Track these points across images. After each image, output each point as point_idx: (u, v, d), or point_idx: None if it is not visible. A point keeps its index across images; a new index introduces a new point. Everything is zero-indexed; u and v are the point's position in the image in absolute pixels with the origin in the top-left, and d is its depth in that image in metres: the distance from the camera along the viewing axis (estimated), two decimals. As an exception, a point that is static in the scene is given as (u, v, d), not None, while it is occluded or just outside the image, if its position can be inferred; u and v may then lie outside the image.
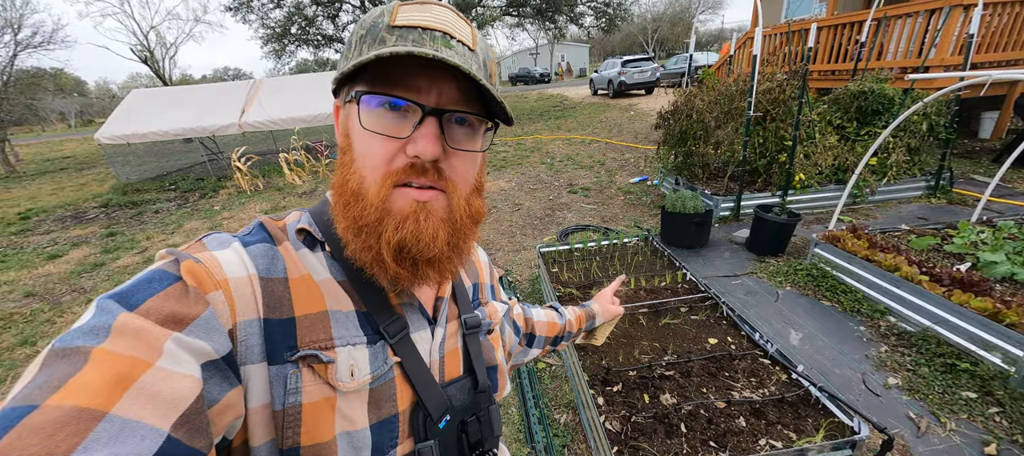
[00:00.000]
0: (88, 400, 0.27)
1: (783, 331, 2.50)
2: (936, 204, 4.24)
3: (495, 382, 0.60)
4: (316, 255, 0.47)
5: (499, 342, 0.65)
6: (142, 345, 0.31)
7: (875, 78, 4.64)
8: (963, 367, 2.04)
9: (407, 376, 0.48)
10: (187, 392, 0.32)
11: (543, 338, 0.86)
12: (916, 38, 5.64)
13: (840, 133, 4.61)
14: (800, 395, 1.68)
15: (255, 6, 12.79)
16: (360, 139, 0.43)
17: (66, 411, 0.26)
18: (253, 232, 0.46)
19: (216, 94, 9.15)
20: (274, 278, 0.43)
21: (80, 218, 6.45)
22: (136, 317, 0.33)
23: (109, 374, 0.29)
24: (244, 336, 0.39)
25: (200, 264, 0.38)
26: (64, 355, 0.29)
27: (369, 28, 0.42)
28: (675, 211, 3.57)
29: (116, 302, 0.33)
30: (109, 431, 0.27)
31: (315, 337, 0.43)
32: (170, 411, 0.30)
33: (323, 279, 0.46)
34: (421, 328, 0.51)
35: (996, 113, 6.30)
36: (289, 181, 7.45)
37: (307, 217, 0.50)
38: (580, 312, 0.95)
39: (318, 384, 0.42)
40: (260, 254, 0.43)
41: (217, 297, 0.37)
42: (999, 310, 2.01)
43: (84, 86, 49.81)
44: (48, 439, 0.25)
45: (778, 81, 4.24)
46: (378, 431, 0.45)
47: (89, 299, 3.72)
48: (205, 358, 0.35)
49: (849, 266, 2.76)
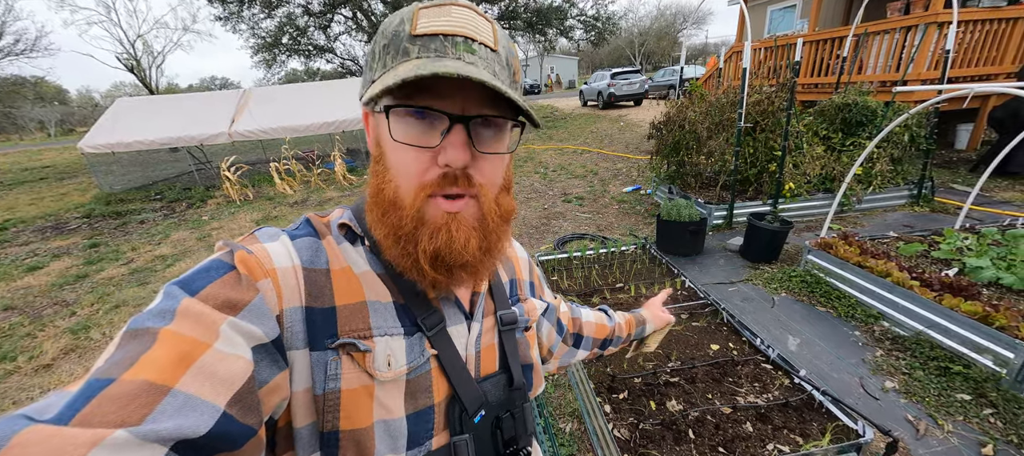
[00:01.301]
0: (156, 375, 0.30)
1: (781, 337, 2.53)
2: (919, 212, 4.37)
3: (530, 380, 0.60)
4: (356, 249, 0.49)
5: (535, 340, 0.65)
6: (202, 328, 0.34)
7: (858, 91, 4.80)
8: (956, 370, 2.08)
9: (443, 369, 0.49)
10: (240, 372, 0.34)
11: (591, 339, 0.85)
12: (894, 53, 5.89)
13: (826, 144, 4.75)
14: (803, 399, 1.70)
15: (246, 16, 12.74)
16: (392, 150, 0.44)
17: (138, 385, 0.29)
18: (300, 227, 0.49)
19: (205, 103, 9.04)
20: (317, 269, 0.45)
21: (61, 229, 6.26)
22: (197, 302, 0.36)
23: (174, 353, 0.32)
24: (290, 322, 0.41)
25: (251, 255, 0.41)
26: (136, 335, 0.33)
27: (391, 38, 0.43)
28: (671, 219, 3.61)
29: (180, 288, 0.36)
30: (173, 404, 0.30)
31: (354, 326, 0.44)
32: (226, 389, 0.33)
33: (363, 271, 0.48)
34: (458, 322, 0.52)
35: (971, 125, 6.56)
36: (280, 191, 7.35)
37: (349, 213, 0.51)
38: (630, 317, 0.94)
39: (357, 372, 0.43)
40: (305, 246, 0.46)
41: (266, 285, 0.40)
42: (989, 313, 2.06)
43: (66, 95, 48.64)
44: (123, 408, 0.28)
45: (767, 93, 4.36)
46: (414, 421, 0.46)
47: (73, 312, 3.60)
48: (256, 341, 0.37)
49: (842, 272, 2.83)
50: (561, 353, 0.81)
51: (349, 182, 7.83)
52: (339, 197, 7.04)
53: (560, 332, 0.78)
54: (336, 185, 7.72)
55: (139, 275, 4.33)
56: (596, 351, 0.87)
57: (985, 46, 5.64)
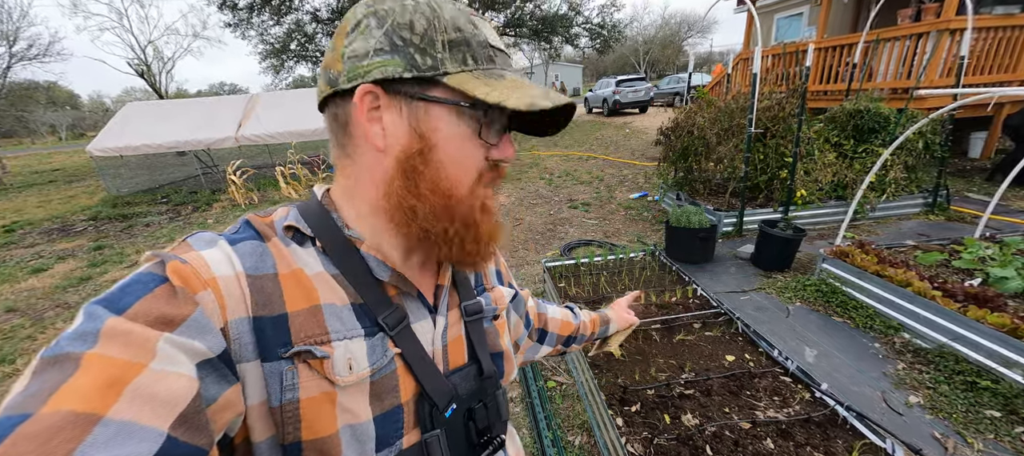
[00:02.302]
0: (82, 404, 0.27)
1: (797, 348, 2.44)
2: (934, 221, 4.27)
3: (501, 368, 0.59)
4: (306, 250, 0.46)
5: (505, 328, 0.63)
6: (133, 348, 0.31)
7: (870, 98, 4.72)
8: (984, 384, 1.99)
9: (409, 367, 0.47)
10: (184, 391, 0.31)
11: (555, 336, 0.86)
12: (905, 60, 5.81)
13: (838, 150, 4.66)
14: (826, 415, 1.62)
15: (255, 23, 12.87)
16: (451, 144, 0.45)
17: (60, 416, 0.26)
18: (240, 230, 0.45)
19: (212, 108, 9.09)
20: (263, 275, 0.42)
21: (67, 231, 6.28)
22: (125, 321, 0.32)
23: (101, 378, 0.29)
24: (237, 334, 0.38)
25: (186, 264, 0.38)
26: (55, 362, 0.29)
27: (456, 34, 0.44)
28: (680, 226, 3.54)
29: (104, 307, 0.33)
30: (105, 434, 0.27)
31: (309, 332, 0.42)
32: (168, 411, 0.30)
33: (316, 272, 0.45)
34: (422, 318, 0.51)
35: (985, 133, 6.45)
36: (285, 194, 7.35)
37: (294, 213, 0.48)
38: (594, 316, 0.97)
39: (316, 379, 0.41)
40: (248, 252, 0.42)
41: (206, 296, 0.37)
42: (1018, 326, 1.98)
43: (77, 99, 49.39)
44: (43, 446, 0.25)
45: (777, 99, 4.29)
46: (382, 423, 0.44)
47: (73, 315, 3.57)
48: (199, 357, 0.35)
49: (859, 281, 2.74)
50: (525, 347, 0.82)
51: (354, 187, 7.81)
52: (344, 202, 7.01)
53: (527, 326, 0.79)
54: (341, 190, 7.71)
55: (142, 278, 4.30)
56: (560, 348, 0.89)
57: (998, 53, 5.55)
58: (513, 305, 0.72)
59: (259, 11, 12.69)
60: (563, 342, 0.88)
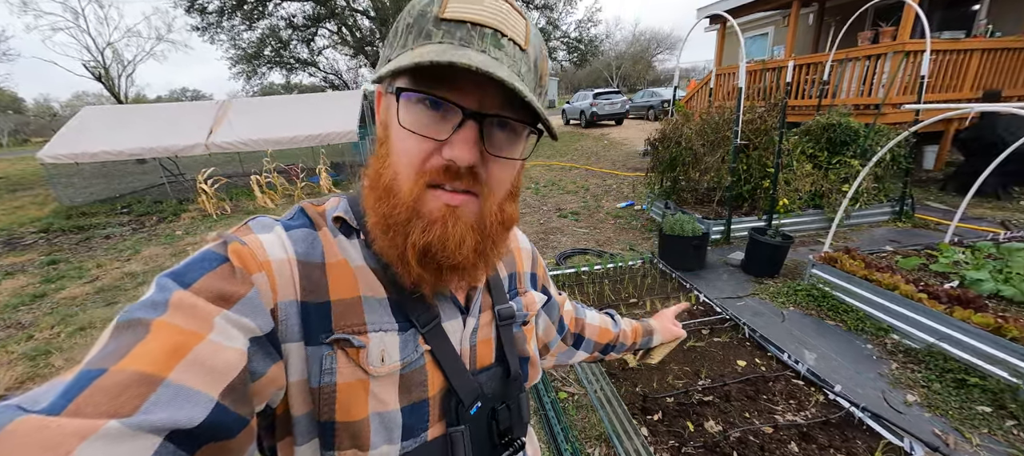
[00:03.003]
0: (149, 366, 0.30)
1: (797, 351, 2.51)
2: (902, 228, 4.54)
3: (526, 372, 0.60)
4: (351, 242, 0.48)
5: (533, 333, 0.64)
6: (195, 320, 0.34)
7: (839, 113, 5.02)
8: (973, 382, 2.10)
9: (438, 363, 0.49)
10: (234, 364, 0.34)
11: (592, 342, 0.83)
12: (866, 79, 6.24)
13: (813, 162, 4.91)
14: (842, 416, 1.66)
15: (226, 27, 12.41)
16: (397, 135, 0.41)
17: (130, 375, 0.29)
18: (295, 217, 0.48)
19: (179, 114, 8.64)
20: (312, 262, 0.44)
21: (14, 245, 5.75)
22: (190, 294, 0.35)
23: (168, 344, 0.31)
24: (284, 315, 0.41)
25: (245, 246, 0.40)
26: (129, 326, 0.32)
27: (416, 17, 0.40)
28: (673, 234, 3.60)
29: (173, 280, 0.36)
30: (166, 395, 0.29)
31: (349, 321, 0.44)
32: (219, 380, 0.32)
33: (358, 266, 0.47)
34: (453, 317, 0.52)
35: (936, 147, 6.98)
36: (261, 204, 7.03)
37: (345, 204, 0.50)
38: (636, 325, 0.91)
39: (351, 367, 0.43)
40: (300, 238, 0.45)
41: (260, 278, 0.39)
42: (1001, 325, 2.10)
43: (21, 103, 45.92)
44: (114, 399, 0.27)
45: (759, 113, 4.49)
46: (409, 414, 0.46)
47: (29, 336, 3.25)
48: (250, 334, 0.37)
49: (848, 286, 2.86)
50: (558, 351, 0.80)
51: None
52: (324, 212, 6.76)
53: (560, 330, 0.78)
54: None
55: (106, 294, 3.98)
56: (597, 355, 0.86)
57: (946, 74, 6.05)
58: (545, 309, 0.73)
59: (230, 15, 12.25)
60: (601, 350, 0.85)
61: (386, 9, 11.87)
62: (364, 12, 13.38)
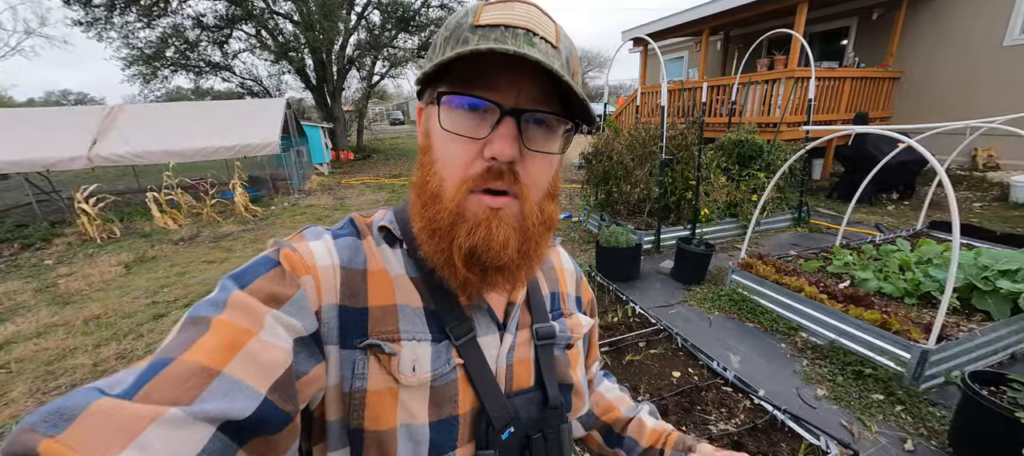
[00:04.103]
0: (208, 359, 0.33)
1: (723, 355, 2.66)
2: (801, 232, 5.12)
3: (568, 400, 0.56)
4: (394, 251, 0.49)
5: (579, 359, 0.60)
6: (249, 318, 0.37)
7: (746, 130, 5.58)
8: (868, 372, 2.35)
9: (470, 380, 0.47)
10: (280, 361, 0.36)
11: (593, 416, 0.69)
12: (765, 100, 7.06)
13: (727, 174, 5.39)
14: (768, 421, 1.75)
15: (117, 23, 10.87)
16: (439, 140, 0.43)
17: (191, 366, 0.32)
18: (344, 227, 0.51)
19: (54, 120, 7.33)
20: (354, 269, 0.46)
21: None
22: (246, 294, 0.38)
23: (225, 339, 0.34)
24: (327, 318, 0.43)
25: (296, 252, 0.44)
26: (194, 323, 0.36)
27: (453, 29, 0.43)
28: (610, 245, 3.71)
29: (233, 281, 0.39)
30: (222, 386, 0.32)
31: (383, 328, 0.45)
32: (267, 376, 0.35)
33: (397, 274, 0.48)
34: (489, 333, 0.50)
35: (822, 160, 8.07)
36: (160, 225, 6.14)
37: (390, 215, 0.51)
38: (668, 432, 0.66)
39: (382, 374, 0.44)
40: (345, 246, 0.47)
41: (307, 281, 0.42)
42: (886, 319, 2.39)
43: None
44: (177, 388, 0.31)
45: (680, 129, 4.83)
46: (437, 429, 0.45)
47: None
48: (296, 334, 0.39)
49: (762, 289, 3.11)
50: None
51: (252, 213, 6.85)
52: (240, 231, 6.08)
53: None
54: (236, 218, 6.70)
55: (-65, 346, 3.16)
56: (597, 438, 0.69)
57: (827, 97, 7.04)
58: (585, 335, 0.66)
59: (123, 10, 10.76)
60: (602, 430, 0.68)
61: (311, 14, 11.18)
62: (287, 15, 12.50)
